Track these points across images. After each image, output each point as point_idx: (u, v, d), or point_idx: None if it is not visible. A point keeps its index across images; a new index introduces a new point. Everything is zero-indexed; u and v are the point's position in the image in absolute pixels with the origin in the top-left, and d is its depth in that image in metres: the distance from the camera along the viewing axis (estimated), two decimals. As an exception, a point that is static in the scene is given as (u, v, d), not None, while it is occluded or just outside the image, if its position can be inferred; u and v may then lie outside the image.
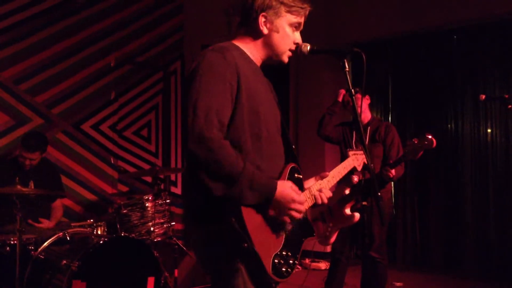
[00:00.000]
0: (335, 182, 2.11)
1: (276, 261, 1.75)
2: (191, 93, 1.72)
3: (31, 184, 3.97)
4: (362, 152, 2.35)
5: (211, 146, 1.64)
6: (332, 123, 4.03)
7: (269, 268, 1.71)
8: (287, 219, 1.76)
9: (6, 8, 4.69)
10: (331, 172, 2.09)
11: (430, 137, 3.33)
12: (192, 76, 1.76)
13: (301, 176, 1.98)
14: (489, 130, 5.39)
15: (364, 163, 2.34)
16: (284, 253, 1.80)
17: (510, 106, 3.55)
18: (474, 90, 5.41)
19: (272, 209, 1.74)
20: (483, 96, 3.79)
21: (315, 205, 1.98)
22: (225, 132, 1.73)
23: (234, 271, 1.71)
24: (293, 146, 2.05)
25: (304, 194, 1.94)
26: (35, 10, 4.88)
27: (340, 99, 3.98)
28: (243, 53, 1.90)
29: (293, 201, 1.74)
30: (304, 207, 1.78)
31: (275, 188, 1.72)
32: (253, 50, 1.93)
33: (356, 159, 2.33)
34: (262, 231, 1.73)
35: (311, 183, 2.02)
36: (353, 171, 2.26)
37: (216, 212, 1.71)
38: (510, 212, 5.14)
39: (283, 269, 1.77)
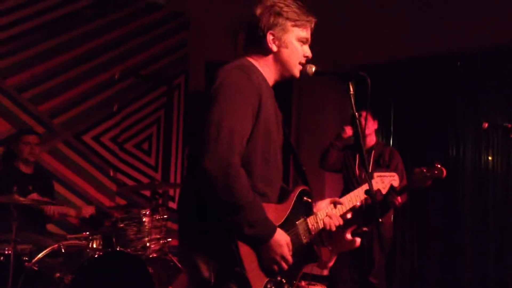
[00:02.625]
0: (351, 205, 2.10)
1: (268, 286, 1.75)
2: (215, 111, 1.70)
3: (30, 189, 4.00)
4: (390, 174, 2.31)
5: (229, 172, 1.63)
6: (335, 156, 4.02)
7: None
8: (269, 265, 1.76)
9: (13, 16, 4.71)
10: (347, 196, 2.09)
11: (440, 166, 3.32)
12: (217, 93, 1.74)
13: (310, 200, 1.97)
14: (490, 158, 5.37)
15: (390, 185, 2.30)
16: (278, 279, 1.78)
17: (512, 135, 3.54)
18: (476, 117, 5.40)
19: (262, 251, 1.74)
20: (486, 124, 3.79)
21: (323, 230, 1.97)
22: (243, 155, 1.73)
23: None
24: (304, 168, 2.05)
25: (311, 219, 1.92)
26: (42, 20, 4.90)
27: (345, 135, 3.97)
28: (261, 74, 1.90)
29: (281, 257, 1.75)
30: (286, 267, 1.77)
31: (272, 234, 1.73)
32: (266, 69, 1.92)
33: (381, 181, 2.29)
34: (254, 258, 1.72)
35: (324, 205, 2.02)
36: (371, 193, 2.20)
37: (215, 231, 1.71)
38: (509, 241, 5.10)
39: None
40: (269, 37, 1.89)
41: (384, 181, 2.30)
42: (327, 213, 1.99)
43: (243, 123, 1.71)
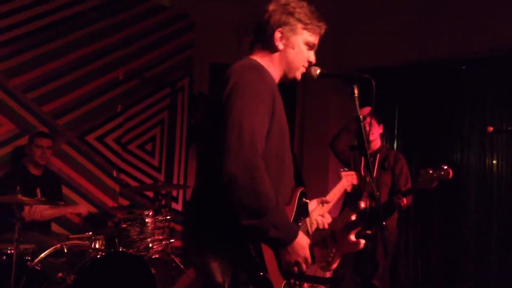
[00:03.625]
0: (331, 205, 2.13)
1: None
2: (233, 112, 1.66)
3: (38, 192, 4.01)
4: (353, 172, 2.37)
5: (255, 175, 1.61)
6: (347, 138, 4.02)
7: None
8: (290, 267, 1.75)
9: (18, 17, 4.72)
10: (331, 192, 2.12)
11: (446, 167, 3.30)
12: (232, 94, 1.70)
13: (307, 201, 1.97)
14: (494, 162, 5.35)
15: (353, 184, 2.37)
16: (292, 281, 1.80)
17: (517, 139, 3.52)
18: (481, 121, 5.39)
19: (283, 254, 1.72)
20: (491, 128, 3.77)
21: (317, 229, 1.98)
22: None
23: None
24: (300, 170, 2.05)
25: (309, 218, 1.95)
26: (46, 21, 4.91)
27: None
28: (269, 74, 1.88)
29: (304, 259, 1.74)
30: (307, 268, 1.78)
31: (295, 236, 1.72)
32: (271, 69, 1.90)
33: (347, 180, 2.35)
34: (275, 261, 1.72)
35: (313, 206, 2.04)
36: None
37: (236, 237, 1.68)
38: (513, 245, 5.09)
39: None
40: (277, 35, 1.87)
41: (349, 179, 2.40)
42: (319, 212, 2.01)
43: (262, 123, 1.69)
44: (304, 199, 1.95)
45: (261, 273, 1.65)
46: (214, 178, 1.66)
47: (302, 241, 1.73)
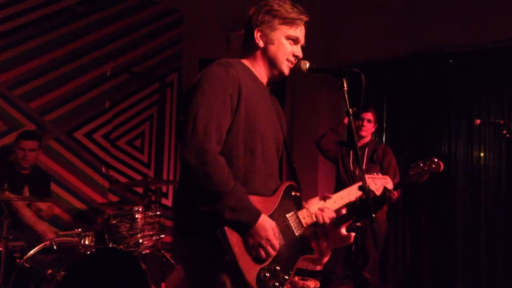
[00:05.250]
0: (342, 204, 2.10)
1: (262, 274, 1.74)
2: (192, 104, 1.76)
3: (26, 189, 3.96)
4: (383, 177, 2.31)
5: (206, 159, 1.67)
6: (332, 138, 4.07)
7: (252, 281, 1.71)
8: (256, 250, 1.75)
9: (3, 13, 4.66)
10: (338, 194, 2.10)
11: (437, 160, 3.32)
12: (195, 87, 1.81)
13: (298, 194, 1.98)
14: (482, 154, 5.41)
15: (384, 187, 2.28)
16: (272, 267, 1.78)
17: (504, 131, 3.56)
18: (468, 114, 5.44)
19: (247, 236, 1.74)
20: (478, 121, 3.81)
21: (315, 224, 1.98)
22: (222, 144, 1.76)
23: (219, 285, 1.72)
24: (294, 166, 2.07)
25: (302, 212, 1.93)
26: (33, 16, 4.85)
27: (346, 121, 4.00)
28: (249, 70, 1.95)
29: (267, 241, 1.74)
30: (274, 252, 1.77)
31: (256, 219, 1.73)
32: (257, 68, 1.98)
33: (374, 183, 2.29)
34: (244, 245, 1.73)
35: (315, 201, 2.04)
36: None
37: (201, 225, 1.73)
38: (501, 236, 5.14)
39: (271, 283, 1.76)
40: (257, 34, 1.95)
41: (377, 183, 2.30)
42: (319, 207, 2.01)
43: (219, 113, 1.76)
44: (294, 193, 1.95)
45: (227, 257, 1.67)
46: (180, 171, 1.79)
47: (265, 223, 1.74)
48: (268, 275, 1.75)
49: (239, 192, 1.72)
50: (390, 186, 2.34)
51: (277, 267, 1.79)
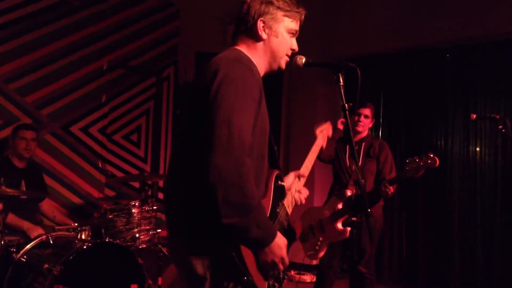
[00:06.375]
0: (310, 167, 2.18)
1: (270, 283, 1.77)
2: (223, 107, 1.62)
3: (23, 184, 3.95)
4: (327, 123, 2.38)
5: (243, 172, 1.58)
6: (330, 148, 4.03)
7: None
8: (268, 267, 1.74)
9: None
10: (305, 163, 2.14)
11: (432, 155, 3.33)
12: (221, 88, 1.65)
13: (283, 184, 1.99)
14: (478, 149, 5.42)
15: (328, 136, 2.39)
16: (270, 283, 1.81)
17: (500, 126, 3.57)
18: (465, 109, 5.45)
19: (260, 253, 1.71)
20: (474, 116, 3.82)
21: (295, 206, 2.01)
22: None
23: None
24: (275, 148, 2.03)
25: (286, 200, 1.98)
26: (29, 9, 4.83)
27: (340, 126, 3.98)
28: (255, 66, 1.85)
29: (281, 259, 1.73)
30: (283, 269, 1.78)
31: (275, 236, 1.71)
32: (257, 59, 1.89)
33: (322, 137, 2.39)
34: (255, 263, 1.72)
35: (290, 180, 2.07)
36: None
37: (218, 234, 1.64)
38: (497, 231, 5.17)
39: (276, 286, 1.80)
40: (260, 24, 1.86)
41: (324, 134, 2.42)
42: (296, 188, 2.02)
43: (250, 120, 1.67)
44: (280, 182, 1.95)
45: (245, 278, 1.65)
46: (196, 173, 1.63)
47: (280, 242, 1.73)
48: (273, 281, 1.79)
49: (262, 208, 1.68)
50: (330, 133, 2.50)
51: (275, 283, 1.83)
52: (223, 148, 1.57)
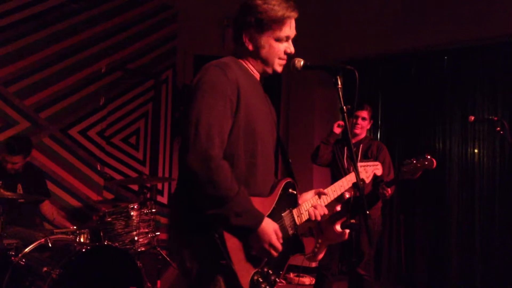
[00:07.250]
0: (336, 195, 2.12)
1: (255, 278, 1.77)
2: (192, 109, 1.74)
3: (19, 188, 3.94)
4: (373, 163, 2.33)
5: (210, 165, 1.67)
6: (328, 152, 4.04)
7: (246, 285, 1.73)
8: (259, 254, 1.77)
9: (-2, 9, 4.65)
10: (332, 186, 2.11)
11: (429, 157, 3.33)
12: (194, 91, 1.78)
13: (295, 192, 1.98)
14: (476, 151, 5.43)
15: (374, 174, 2.32)
16: (265, 270, 1.81)
17: (498, 128, 3.58)
18: (463, 111, 5.46)
19: (251, 241, 1.75)
20: (472, 118, 3.83)
21: (308, 221, 1.99)
22: (225, 148, 1.76)
23: (213, 281, 1.73)
24: (290, 160, 2.07)
25: (297, 209, 1.95)
26: (28, 12, 4.84)
27: (336, 130, 3.99)
28: (244, 68, 1.92)
29: (270, 245, 1.76)
30: (276, 254, 1.79)
31: (259, 223, 1.74)
32: (250, 64, 1.96)
33: (365, 171, 2.31)
34: (241, 250, 1.74)
35: (309, 196, 2.04)
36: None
37: (202, 223, 1.73)
38: (495, 233, 5.17)
39: (262, 286, 1.78)
40: (245, 38, 1.91)
41: (368, 170, 2.33)
42: (312, 203, 2.01)
43: (221, 118, 1.74)
44: (291, 190, 1.96)
45: (224, 262, 1.68)
46: (180, 172, 1.79)
47: (267, 227, 1.75)
48: (261, 279, 1.78)
49: (243, 197, 1.72)
50: (379, 172, 2.37)
51: (269, 271, 1.82)
52: (191, 147, 1.68)
